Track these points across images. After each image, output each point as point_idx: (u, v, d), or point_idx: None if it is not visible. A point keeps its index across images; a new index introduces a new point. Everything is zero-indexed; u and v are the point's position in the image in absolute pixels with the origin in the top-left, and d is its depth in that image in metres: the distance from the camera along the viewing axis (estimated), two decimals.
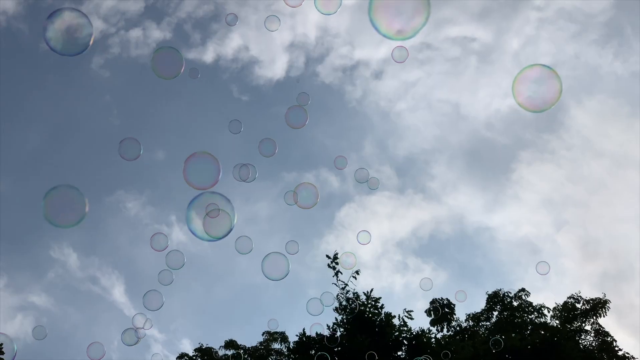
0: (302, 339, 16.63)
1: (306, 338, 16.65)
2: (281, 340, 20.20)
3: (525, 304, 18.66)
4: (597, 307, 18.10)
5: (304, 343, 16.57)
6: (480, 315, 18.87)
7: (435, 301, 18.79)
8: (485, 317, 18.83)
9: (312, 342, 16.63)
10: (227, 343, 20.00)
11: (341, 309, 17.16)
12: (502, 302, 18.83)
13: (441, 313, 18.46)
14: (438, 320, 18.48)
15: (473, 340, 16.89)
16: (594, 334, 18.09)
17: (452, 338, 17.88)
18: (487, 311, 18.94)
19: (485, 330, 18.27)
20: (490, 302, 19.05)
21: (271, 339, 20.26)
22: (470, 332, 18.29)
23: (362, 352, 14.88)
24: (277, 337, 20.24)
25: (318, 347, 16.43)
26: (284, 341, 20.12)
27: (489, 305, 19.03)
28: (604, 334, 18.02)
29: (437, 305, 18.51)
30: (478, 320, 18.73)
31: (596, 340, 17.95)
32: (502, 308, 18.77)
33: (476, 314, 18.93)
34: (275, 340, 20.25)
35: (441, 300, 18.82)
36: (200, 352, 19.72)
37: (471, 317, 18.94)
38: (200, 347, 19.81)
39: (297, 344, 16.64)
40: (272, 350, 20.07)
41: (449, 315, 18.64)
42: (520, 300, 18.83)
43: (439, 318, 18.45)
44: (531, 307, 18.57)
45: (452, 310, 18.72)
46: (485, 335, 17.58)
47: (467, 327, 18.61)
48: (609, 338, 17.86)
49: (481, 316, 18.84)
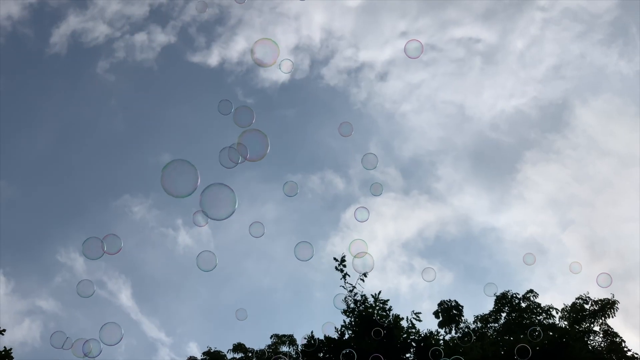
0: (310, 342, 16.65)
1: (315, 341, 16.66)
2: (289, 343, 20.21)
3: (533, 305, 18.64)
4: (606, 308, 18.07)
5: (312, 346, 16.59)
6: (488, 316, 18.85)
7: (443, 303, 18.80)
8: (494, 319, 18.81)
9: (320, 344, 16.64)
10: (235, 346, 20.04)
11: (349, 311, 17.16)
12: (511, 304, 18.82)
13: (449, 315, 18.46)
14: (446, 321, 18.47)
15: (482, 341, 16.87)
16: (603, 334, 18.06)
17: (461, 340, 17.86)
18: (496, 312, 18.92)
19: (494, 332, 18.26)
20: (498, 304, 19.03)
21: (279, 342, 20.27)
22: (479, 333, 18.27)
23: (371, 354, 14.88)
24: (285, 340, 20.25)
25: (326, 350, 16.45)
26: (292, 344, 20.13)
27: (497, 307, 19.01)
28: (612, 335, 17.99)
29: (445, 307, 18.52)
30: (486, 322, 18.72)
31: (605, 341, 17.92)
32: (510, 309, 18.75)
33: (484, 315, 18.92)
34: (284, 343, 20.26)
35: (449, 302, 18.82)
36: (209, 355, 19.76)
37: (479, 318, 18.92)
38: (209, 351, 19.86)
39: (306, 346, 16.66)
40: (281, 353, 20.09)
41: (457, 317, 18.62)
42: (528, 302, 18.81)
43: (447, 320, 18.44)
44: (539, 308, 18.55)
45: (460, 312, 18.70)
46: (494, 336, 17.59)
47: (476, 329, 18.60)
48: (618, 339, 17.83)
49: (489, 317, 18.83)
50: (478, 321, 18.81)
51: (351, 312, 17.18)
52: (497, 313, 18.89)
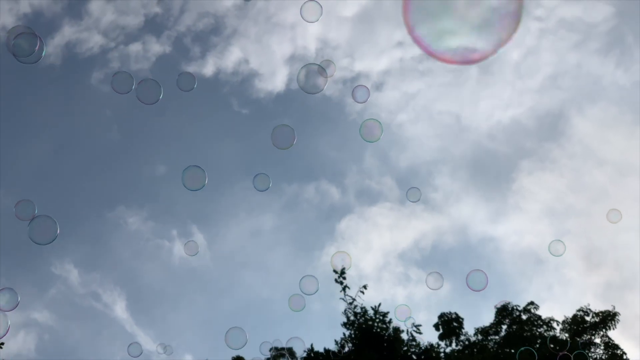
0: (310, 355, 16.52)
1: (314, 354, 16.53)
2: (289, 355, 20.03)
3: (534, 317, 18.55)
4: (607, 320, 18.00)
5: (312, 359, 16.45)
6: (489, 329, 18.75)
7: (443, 315, 18.69)
8: (494, 331, 18.71)
9: (320, 357, 16.51)
10: (234, 359, 19.85)
11: (349, 324, 17.04)
12: (511, 316, 18.72)
13: (450, 327, 18.35)
14: (447, 334, 18.35)
15: (482, 354, 16.78)
16: (604, 347, 17.98)
17: (461, 352, 17.75)
18: (496, 325, 18.82)
19: (495, 344, 18.15)
20: (499, 316, 18.93)
21: (278, 355, 20.08)
22: (480, 346, 18.16)
23: None
24: (284, 353, 20.07)
25: None
26: (292, 356, 19.94)
27: (497, 319, 18.92)
28: (613, 347, 17.92)
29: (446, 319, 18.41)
30: (487, 334, 18.61)
31: (606, 353, 17.84)
32: (511, 321, 18.66)
33: (485, 327, 18.81)
34: (283, 356, 20.08)
35: (449, 314, 18.71)
36: None
37: (480, 331, 18.82)
38: None
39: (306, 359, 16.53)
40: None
41: (458, 329, 18.51)
42: (529, 314, 18.72)
43: (448, 332, 18.33)
44: (540, 320, 18.47)
45: (460, 324, 18.60)
46: (495, 349, 17.48)
47: (476, 341, 18.49)
48: (619, 351, 17.76)
49: (490, 330, 18.72)
50: (479, 333, 18.69)
51: (351, 325, 17.07)
52: (498, 325, 18.78)
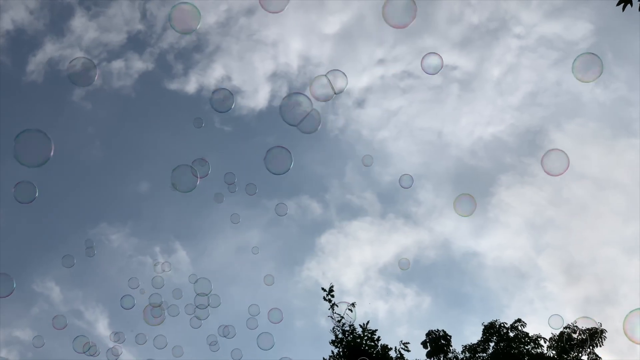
0: None
1: None
2: None
3: (521, 335, 18.58)
4: (594, 337, 18.09)
5: None
6: (476, 346, 18.73)
7: (431, 333, 18.65)
8: (482, 349, 18.69)
9: None
10: None
11: (337, 341, 16.95)
12: (499, 333, 18.73)
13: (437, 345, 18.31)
14: (434, 352, 18.30)
15: None
16: None
17: None
18: (484, 342, 18.81)
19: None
20: (486, 333, 18.94)
21: None
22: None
23: None
24: None
25: None
26: None
27: (485, 337, 18.92)
28: None
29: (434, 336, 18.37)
30: (474, 352, 18.59)
31: None
32: (498, 339, 18.66)
33: (473, 345, 18.80)
34: None
35: (437, 331, 18.68)
36: None
37: (468, 348, 18.79)
38: None
39: None
40: None
41: (445, 347, 18.48)
42: (516, 331, 18.75)
43: (435, 349, 18.28)
44: (527, 337, 18.50)
45: (448, 342, 18.57)
46: None
47: (464, 359, 18.46)
48: None
49: (477, 347, 18.71)
50: (466, 351, 18.67)
51: (339, 343, 16.97)
52: (486, 343, 18.78)
